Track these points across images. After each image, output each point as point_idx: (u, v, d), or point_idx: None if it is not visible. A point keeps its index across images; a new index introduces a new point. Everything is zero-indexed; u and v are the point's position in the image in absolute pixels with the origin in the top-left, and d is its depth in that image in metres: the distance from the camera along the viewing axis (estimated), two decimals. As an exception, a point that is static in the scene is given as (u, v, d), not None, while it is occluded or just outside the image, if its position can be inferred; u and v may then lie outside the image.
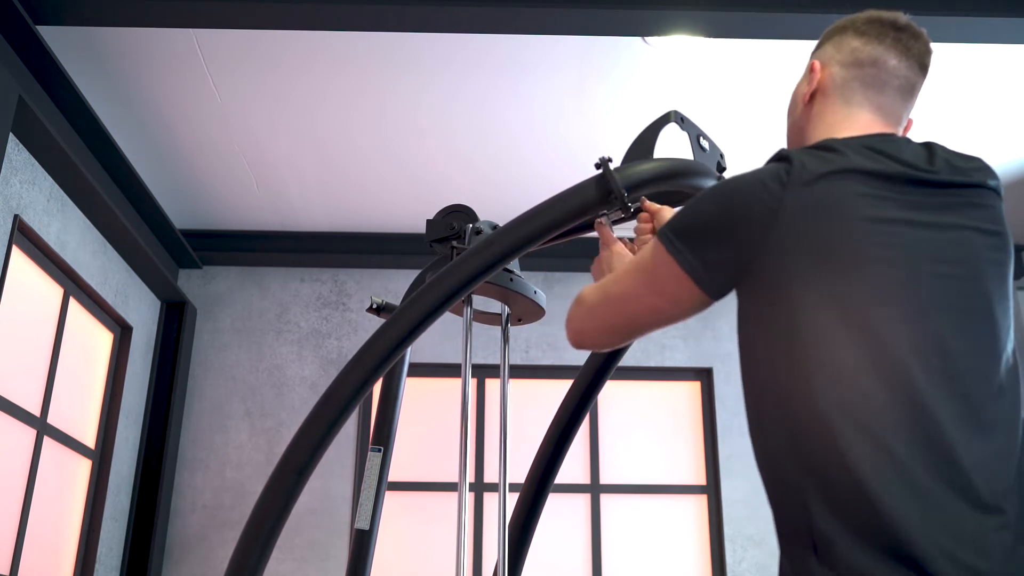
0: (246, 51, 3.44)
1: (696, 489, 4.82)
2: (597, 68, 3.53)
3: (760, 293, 1.13)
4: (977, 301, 1.11)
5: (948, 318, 1.09)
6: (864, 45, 1.28)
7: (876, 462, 1.00)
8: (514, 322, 1.92)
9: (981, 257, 1.13)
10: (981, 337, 1.10)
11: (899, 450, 1.01)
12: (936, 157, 1.18)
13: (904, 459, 1.00)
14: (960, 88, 3.61)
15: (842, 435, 1.02)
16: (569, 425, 2.01)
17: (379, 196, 4.53)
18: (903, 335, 1.06)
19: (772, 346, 1.11)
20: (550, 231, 1.55)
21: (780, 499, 1.08)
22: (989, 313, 1.12)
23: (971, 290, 1.11)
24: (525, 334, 4.95)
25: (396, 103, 3.76)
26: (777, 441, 1.09)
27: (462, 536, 1.65)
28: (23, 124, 3.28)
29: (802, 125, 1.32)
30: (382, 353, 1.51)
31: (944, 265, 1.11)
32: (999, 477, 1.04)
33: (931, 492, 0.99)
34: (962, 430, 1.03)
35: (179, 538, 4.57)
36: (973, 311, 1.11)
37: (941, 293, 1.09)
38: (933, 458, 1.01)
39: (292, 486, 1.50)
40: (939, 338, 1.07)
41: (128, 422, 4.44)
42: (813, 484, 1.03)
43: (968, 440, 1.03)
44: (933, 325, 1.08)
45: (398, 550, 4.60)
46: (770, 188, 1.12)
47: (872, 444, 1.01)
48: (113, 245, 4.23)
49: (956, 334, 1.08)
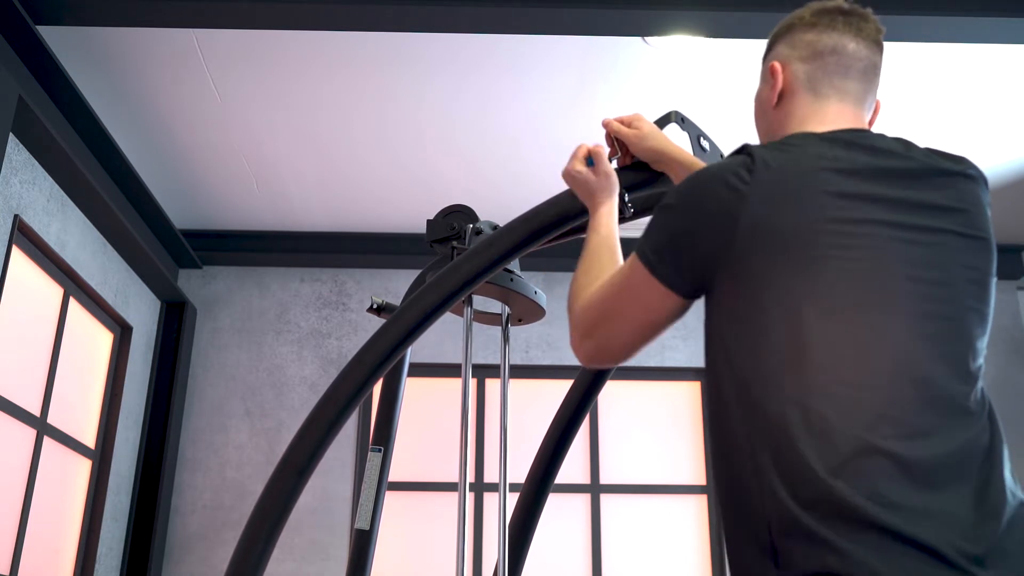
0: (246, 51, 3.44)
1: (696, 489, 4.82)
2: (597, 68, 3.53)
3: (727, 290, 1.13)
4: (947, 308, 1.09)
5: (915, 324, 1.07)
6: (819, 36, 1.27)
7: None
8: (514, 322, 1.92)
9: (956, 262, 1.12)
10: (948, 344, 1.08)
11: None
12: (912, 148, 1.18)
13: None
14: (960, 88, 3.61)
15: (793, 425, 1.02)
16: (569, 425, 2.01)
17: (379, 196, 4.53)
18: (863, 338, 1.05)
19: (737, 339, 1.11)
20: (551, 231, 1.55)
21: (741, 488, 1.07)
22: (959, 321, 1.10)
23: (942, 296, 1.09)
24: (525, 334, 4.95)
25: (396, 103, 3.76)
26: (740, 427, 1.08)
27: (462, 536, 1.65)
28: (23, 124, 3.28)
29: (774, 129, 1.31)
30: (382, 353, 1.51)
31: (917, 269, 1.09)
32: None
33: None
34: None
35: (179, 538, 4.57)
36: (941, 318, 1.09)
37: (909, 298, 1.08)
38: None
39: (292, 486, 1.50)
40: (905, 345, 1.06)
41: (128, 422, 4.44)
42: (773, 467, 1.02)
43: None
44: (897, 330, 1.06)
45: (398, 550, 4.60)
46: (732, 185, 1.11)
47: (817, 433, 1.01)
48: (113, 245, 4.23)
49: (922, 341, 1.06)
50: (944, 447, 1.02)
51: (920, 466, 0.99)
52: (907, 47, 3.36)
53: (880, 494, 0.96)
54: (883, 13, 1.27)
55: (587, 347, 1.27)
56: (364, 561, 1.90)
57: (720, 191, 1.12)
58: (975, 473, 1.02)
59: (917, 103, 3.71)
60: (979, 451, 1.04)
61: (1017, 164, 4.14)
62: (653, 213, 1.22)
